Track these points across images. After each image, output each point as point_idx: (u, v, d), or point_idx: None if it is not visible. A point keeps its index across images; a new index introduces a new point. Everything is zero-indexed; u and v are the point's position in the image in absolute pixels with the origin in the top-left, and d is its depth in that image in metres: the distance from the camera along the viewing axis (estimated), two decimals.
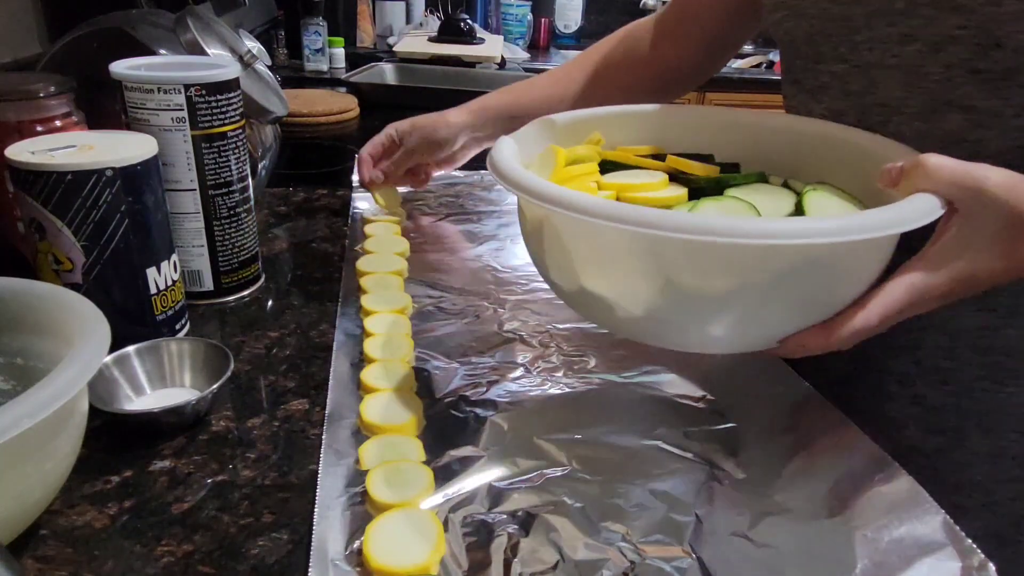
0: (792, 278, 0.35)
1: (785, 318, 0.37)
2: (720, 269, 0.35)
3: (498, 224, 0.76)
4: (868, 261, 0.37)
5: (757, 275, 0.35)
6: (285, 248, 0.70)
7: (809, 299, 0.37)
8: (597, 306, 0.40)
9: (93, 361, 0.32)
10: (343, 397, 0.45)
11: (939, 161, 0.36)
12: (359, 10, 2.09)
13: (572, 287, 0.41)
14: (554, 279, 0.43)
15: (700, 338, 0.40)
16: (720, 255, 0.34)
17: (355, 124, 1.24)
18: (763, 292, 0.35)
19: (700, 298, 0.36)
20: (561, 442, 0.42)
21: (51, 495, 0.34)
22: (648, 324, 0.39)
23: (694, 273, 0.35)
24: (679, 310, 0.37)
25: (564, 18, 2.55)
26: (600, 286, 0.39)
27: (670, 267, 0.36)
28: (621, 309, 0.39)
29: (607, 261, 0.38)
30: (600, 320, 0.44)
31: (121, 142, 0.47)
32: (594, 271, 0.39)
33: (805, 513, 0.37)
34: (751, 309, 0.36)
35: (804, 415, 0.45)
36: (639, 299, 0.38)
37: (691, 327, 0.39)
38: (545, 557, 0.34)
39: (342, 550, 0.34)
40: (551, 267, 0.42)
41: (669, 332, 0.40)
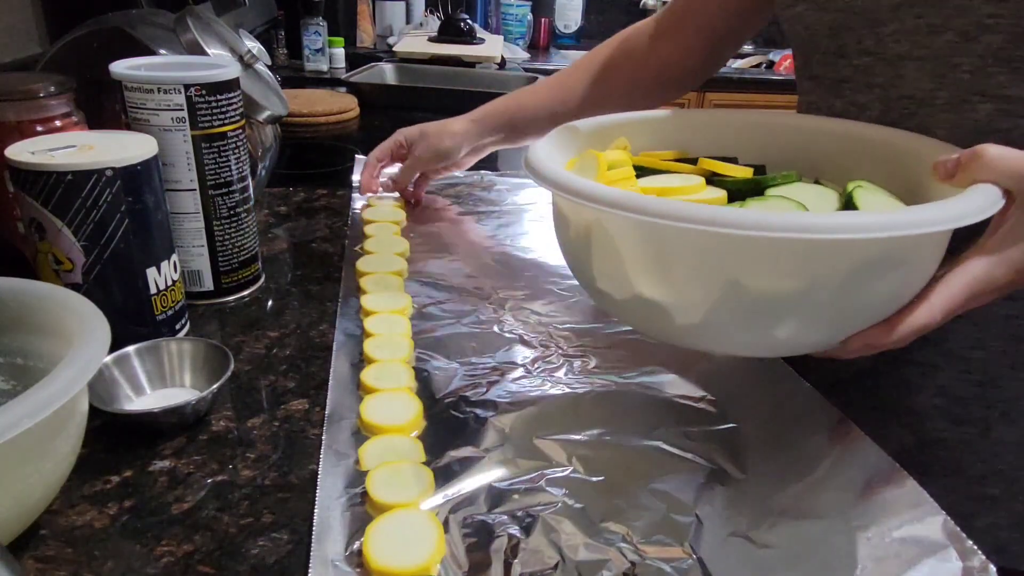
0: (863, 274, 0.34)
1: (851, 317, 0.36)
2: (792, 268, 0.34)
3: (498, 224, 0.76)
4: (932, 255, 0.36)
5: (829, 272, 0.34)
6: (285, 248, 0.70)
7: (877, 296, 0.36)
8: (652, 314, 0.39)
9: (93, 361, 0.32)
10: (343, 397, 0.45)
11: (999, 151, 0.35)
12: (359, 10, 2.09)
13: (624, 295, 0.39)
14: (602, 287, 0.41)
15: (762, 341, 0.38)
16: (794, 253, 0.33)
17: (355, 124, 1.24)
18: (833, 290, 0.34)
19: (766, 300, 0.35)
20: (561, 442, 0.42)
21: (51, 495, 0.34)
22: (708, 330, 0.38)
23: (764, 273, 0.34)
24: (743, 313, 0.36)
25: (564, 18, 2.56)
26: (658, 292, 0.37)
27: (738, 268, 0.34)
28: (680, 315, 0.37)
29: (669, 265, 0.36)
30: (653, 329, 0.42)
31: (121, 142, 0.47)
32: (652, 277, 0.37)
33: (805, 514, 0.37)
34: (819, 309, 0.35)
35: (804, 415, 0.45)
36: (701, 304, 0.36)
37: (754, 330, 0.37)
38: (545, 558, 0.34)
39: (342, 550, 0.34)
40: (599, 275, 0.40)
41: (730, 337, 0.38)
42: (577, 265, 0.43)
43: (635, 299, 0.38)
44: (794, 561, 0.34)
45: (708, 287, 0.35)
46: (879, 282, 0.35)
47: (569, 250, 0.43)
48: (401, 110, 1.34)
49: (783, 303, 0.35)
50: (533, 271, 0.65)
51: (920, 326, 0.36)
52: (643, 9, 2.60)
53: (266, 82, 0.73)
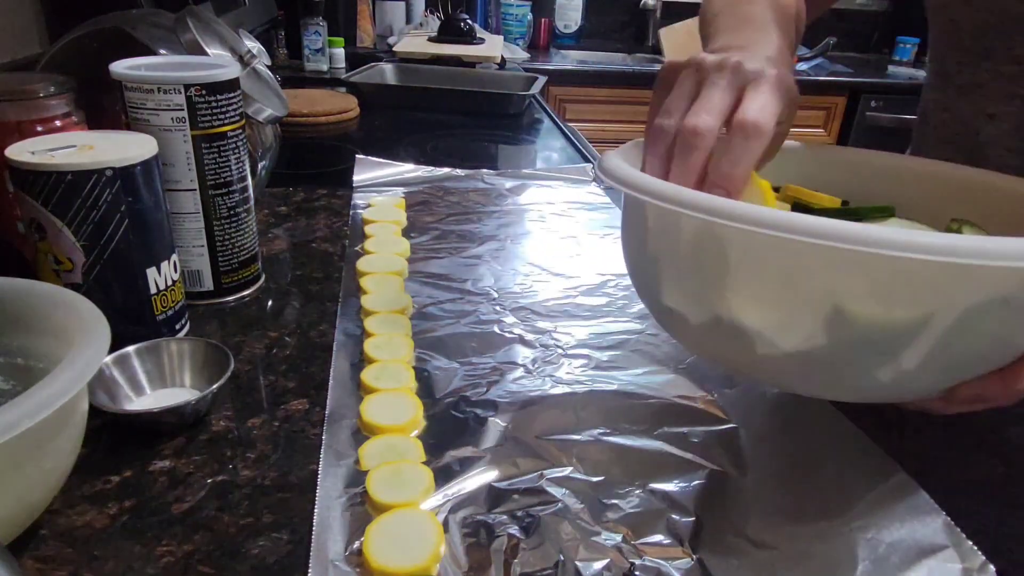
0: (990, 311, 0.30)
1: (965, 362, 0.32)
2: (909, 295, 0.30)
3: (498, 224, 0.76)
4: None
5: (951, 305, 0.30)
6: (285, 248, 0.70)
7: (1000, 340, 0.32)
8: (733, 341, 0.35)
9: (93, 361, 0.32)
10: (343, 397, 0.45)
11: None
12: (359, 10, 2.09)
13: (704, 316, 0.35)
14: (676, 306, 0.37)
15: (857, 382, 0.34)
16: (914, 277, 0.29)
17: (355, 124, 1.24)
18: (952, 327, 0.30)
19: (871, 331, 0.31)
20: (561, 442, 0.42)
21: (51, 495, 0.34)
22: (797, 364, 0.34)
23: (874, 300, 0.30)
24: (841, 346, 0.32)
25: (564, 18, 2.55)
26: (746, 314, 0.33)
27: (845, 291, 0.30)
28: (766, 344, 0.33)
29: (766, 282, 0.32)
30: (729, 357, 0.38)
31: (121, 142, 0.47)
32: (744, 296, 0.33)
33: (805, 514, 0.37)
34: (931, 348, 0.31)
35: (804, 415, 0.45)
36: (796, 331, 0.32)
37: (851, 368, 0.33)
38: (545, 558, 0.34)
39: (342, 550, 0.34)
40: (677, 291, 0.37)
41: (821, 373, 0.34)
42: (649, 279, 0.39)
43: (716, 322, 0.35)
44: (794, 561, 0.34)
45: (807, 311, 0.32)
46: (1002, 323, 0.31)
47: (641, 262, 0.40)
48: (401, 110, 1.35)
49: (890, 338, 0.31)
50: (533, 271, 0.65)
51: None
52: (643, 9, 2.60)
53: (266, 82, 0.73)
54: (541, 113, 1.40)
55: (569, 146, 1.17)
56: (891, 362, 0.32)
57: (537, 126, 1.31)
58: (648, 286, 0.39)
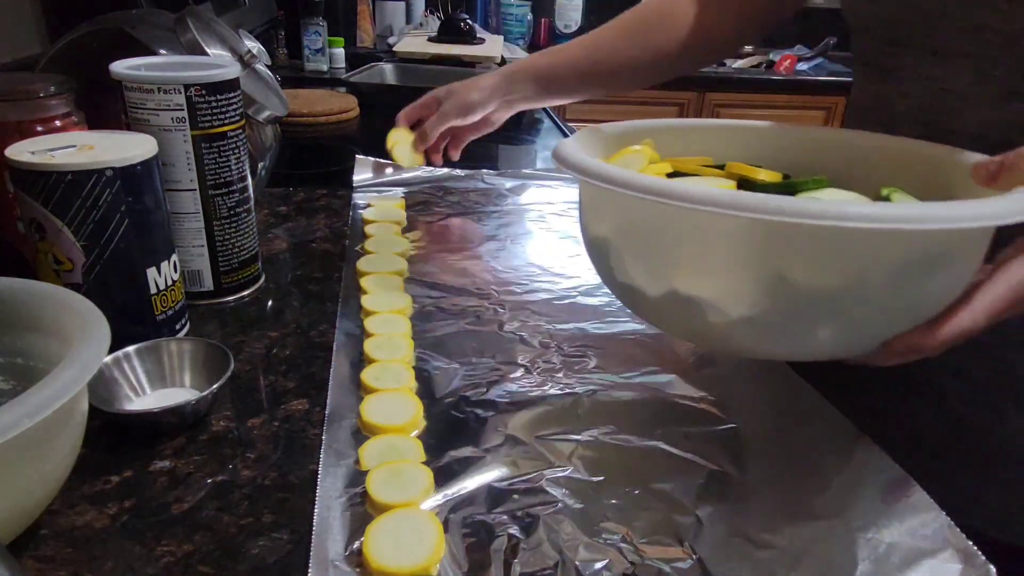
0: (912, 270, 0.33)
1: (895, 318, 0.35)
2: (841, 260, 0.33)
3: (498, 224, 0.76)
4: (976, 255, 0.35)
5: (878, 267, 0.33)
6: (285, 248, 0.70)
7: (923, 296, 0.35)
8: (686, 312, 0.37)
9: (93, 361, 0.32)
10: (343, 397, 0.45)
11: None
12: (359, 10, 2.09)
13: (659, 290, 0.38)
14: (635, 283, 0.39)
15: (801, 343, 0.37)
16: (845, 243, 0.33)
17: (355, 124, 1.24)
18: (880, 286, 0.33)
19: (811, 295, 0.34)
20: (561, 442, 0.42)
21: (51, 495, 0.34)
22: (745, 329, 0.36)
23: (811, 266, 0.33)
24: (786, 311, 0.35)
25: (564, 18, 2.55)
26: (697, 286, 0.36)
27: (785, 260, 0.33)
28: (717, 313, 0.36)
29: (713, 256, 0.35)
30: (685, 328, 0.41)
31: (121, 142, 0.47)
32: (694, 269, 0.36)
33: (805, 514, 0.37)
34: (864, 307, 0.34)
35: (804, 415, 0.45)
36: (742, 299, 0.35)
37: (795, 330, 0.36)
38: (545, 558, 0.34)
39: (342, 550, 0.34)
40: (635, 270, 0.39)
41: (768, 337, 0.37)
42: (605, 261, 0.42)
43: (671, 295, 0.37)
44: (794, 561, 0.34)
45: (751, 280, 0.34)
46: (926, 280, 0.34)
47: (597, 244, 0.42)
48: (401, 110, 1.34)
49: (828, 300, 0.34)
50: (534, 271, 0.65)
51: (964, 330, 0.35)
52: None
53: (266, 82, 0.73)
54: (541, 113, 1.40)
55: None
56: (831, 322, 0.35)
57: (537, 126, 1.31)
58: (605, 266, 0.41)
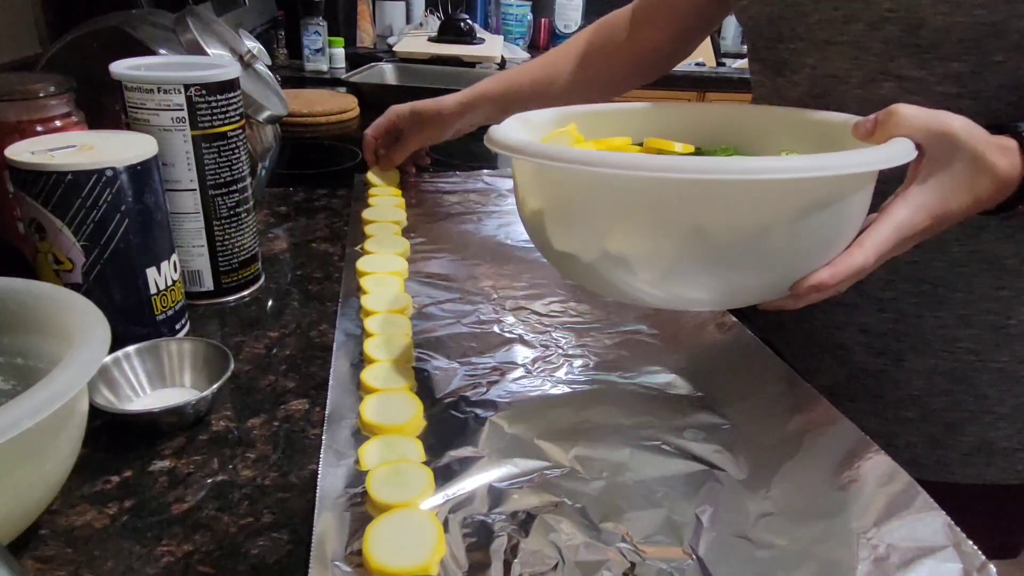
0: (809, 214, 0.37)
1: (799, 260, 0.39)
2: (748, 210, 0.37)
3: (498, 224, 0.76)
4: (863, 199, 0.40)
5: (780, 213, 0.37)
6: (285, 248, 0.70)
7: (821, 238, 0.39)
8: (618, 271, 0.41)
9: (93, 361, 0.32)
10: (343, 397, 0.45)
11: (911, 110, 0.40)
12: (359, 10, 2.09)
13: (591, 255, 0.41)
14: (570, 250, 0.43)
15: (721, 289, 0.41)
16: (750, 195, 0.37)
17: (355, 124, 1.24)
18: (784, 231, 0.38)
19: (726, 244, 0.38)
20: (561, 442, 0.42)
21: (51, 495, 0.34)
22: (671, 280, 0.40)
23: (723, 217, 0.37)
24: (704, 261, 0.39)
25: (564, 18, 2.55)
26: (625, 246, 0.40)
27: (701, 214, 0.37)
28: (645, 268, 0.40)
29: (636, 217, 0.39)
30: (618, 288, 0.44)
31: (121, 142, 0.47)
32: (620, 231, 0.39)
33: (805, 514, 0.37)
34: (772, 251, 0.38)
35: (804, 416, 0.45)
36: (667, 254, 0.39)
37: (714, 278, 0.40)
38: (545, 558, 0.34)
39: (342, 550, 0.34)
40: (569, 237, 0.42)
41: (692, 286, 0.41)
42: (542, 231, 0.45)
43: (602, 258, 0.41)
44: (794, 561, 0.34)
45: (673, 235, 0.38)
46: (823, 224, 0.38)
47: (533, 218, 0.45)
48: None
49: (740, 247, 0.38)
50: (533, 271, 0.65)
51: (857, 268, 0.39)
52: None
53: (266, 82, 0.73)
54: None
55: None
56: (745, 269, 0.39)
57: None
58: (542, 236, 0.45)
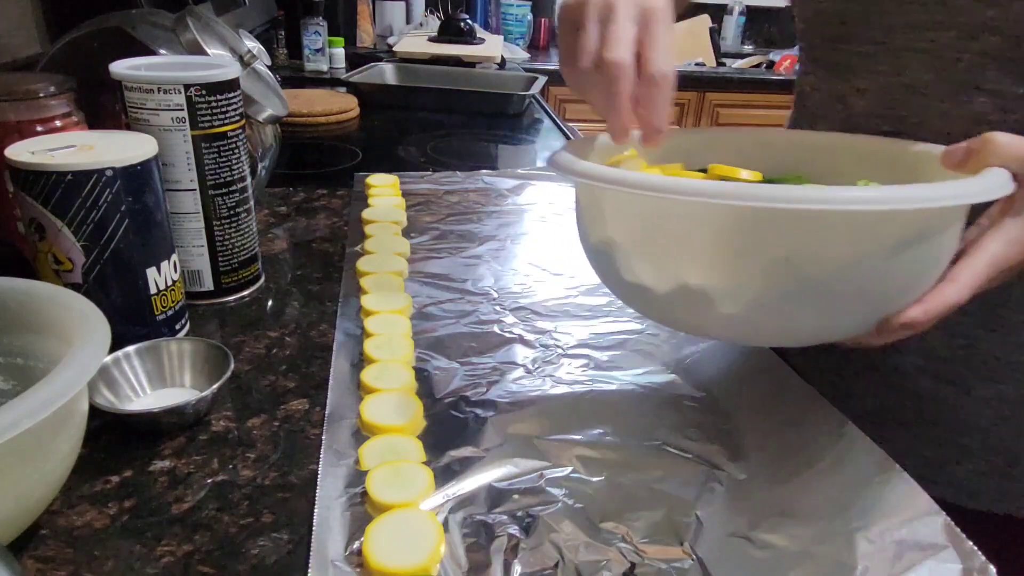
0: (904, 248, 0.35)
1: (888, 296, 0.37)
2: (841, 243, 0.35)
3: (498, 224, 0.76)
4: (956, 234, 0.38)
5: (875, 246, 0.35)
6: (285, 248, 0.70)
7: (912, 273, 0.37)
8: (696, 304, 0.38)
9: (93, 361, 0.32)
10: (343, 397, 0.45)
11: (1007, 138, 0.37)
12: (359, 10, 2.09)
13: (669, 286, 0.39)
14: (643, 281, 0.40)
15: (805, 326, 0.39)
16: (843, 226, 0.34)
17: (355, 124, 1.24)
18: (877, 265, 0.35)
19: (815, 278, 0.35)
20: (561, 442, 0.42)
21: (51, 495, 0.34)
22: (753, 315, 0.38)
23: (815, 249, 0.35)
24: (791, 295, 0.36)
25: None
26: (706, 278, 0.37)
27: (790, 245, 0.35)
28: (726, 302, 0.37)
29: (720, 247, 0.36)
30: (695, 322, 0.41)
31: (121, 142, 0.47)
32: (702, 262, 0.37)
33: (806, 514, 0.37)
34: (864, 286, 0.36)
35: (805, 416, 0.45)
36: (750, 287, 0.36)
37: (800, 313, 0.37)
38: (545, 558, 0.34)
39: (342, 550, 0.34)
40: (642, 268, 0.39)
41: (774, 322, 0.38)
42: (608, 262, 0.42)
43: (679, 290, 0.38)
44: (794, 561, 0.34)
45: (761, 267, 0.36)
46: (915, 258, 0.36)
47: (600, 247, 0.42)
48: (401, 110, 1.35)
49: (830, 281, 0.35)
50: (533, 271, 0.65)
51: (951, 304, 0.37)
52: None
53: (266, 82, 0.73)
54: (541, 113, 1.40)
55: None
56: (832, 304, 0.36)
57: (537, 126, 1.31)
58: (609, 266, 0.42)
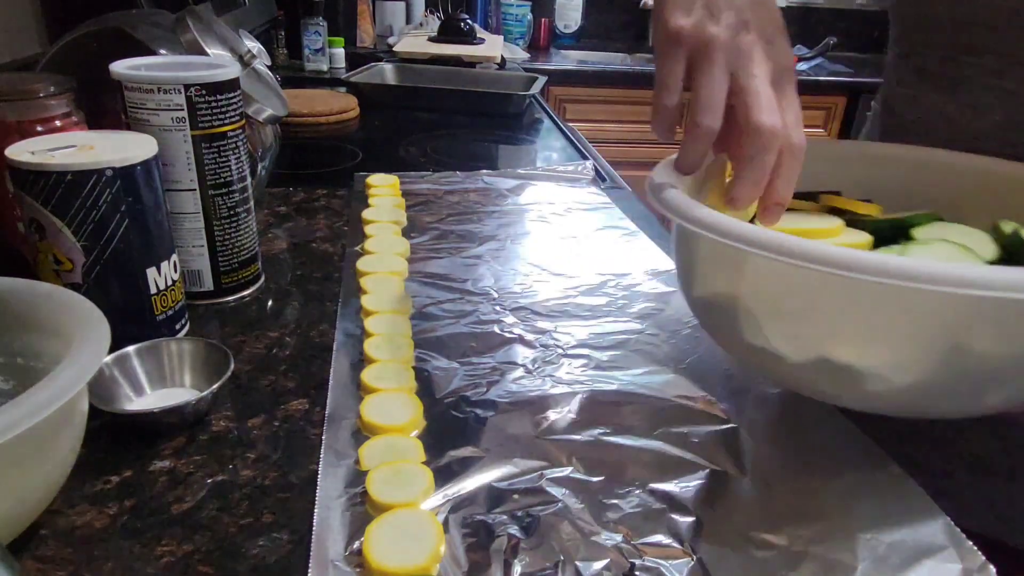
0: None
1: None
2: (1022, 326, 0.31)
3: (498, 224, 0.76)
4: None
5: None
6: (285, 248, 0.70)
7: None
8: (838, 378, 0.35)
9: (93, 361, 0.32)
10: (343, 397, 0.45)
11: None
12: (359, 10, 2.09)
13: (806, 357, 0.35)
14: (771, 347, 0.36)
15: (970, 404, 0.35)
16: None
17: (355, 124, 1.24)
18: None
19: (991, 362, 0.32)
20: (561, 442, 0.42)
21: (51, 495, 0.34)
22: (908, 395, 0.34)
23: (994, 334, 0.31)
24: (960, 377, 0.33)
25: (564, 18, 2.55)
26: (856, 355, 0.33)
27: (966, 329, 0.31)
28: (878, 381, 0.34)
29: (879, 325, 0.32)
30: (833, 393, 0.38)
31: (121, 142, 0.47)
32: (854, 337, 0.33)
33: (805, 514, 0.37)
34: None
35: (804, 416, 0.45)
36: (911, 368, 0.33)
37: (966, 393, 0.34)
38: (545, 558, 0.34)
39: (342, 550, 0.34)
40: (774, 333, 0.36)
41: (933, 400, 0.35)
42: (725, 320, 0.38)
43: (818, 363, 0.34)
44: (794, 561, 0.34)
45: (924, 350, 0.32)
46: None
47: (716, 302, 0.38)
48: (401, 110, 1.35)
49: (1007, 365, 0.32)
50: (533, 271, 0.65)
51: None
52: (643, 9, 2.60)
53: (266, 82, 0.73)
54: (541, 113, 1.40)
55: (569, 146, 1.17)
56: (1007, 384, 0.33)
57: (537, 126, 1.31)
58: (727, 325, 0.38)
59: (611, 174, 0.98)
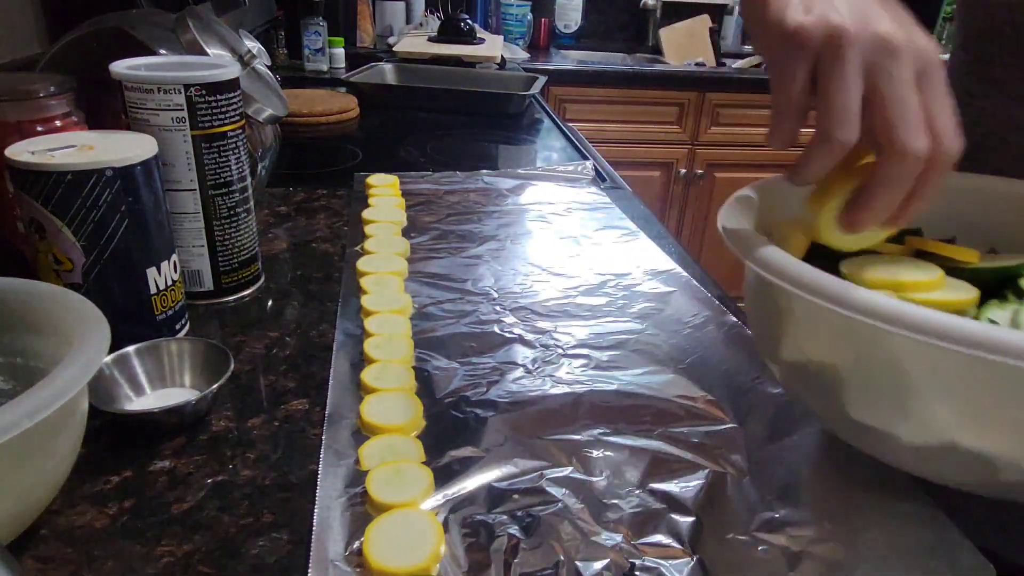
0: None
1: None
2: None
3: (498, 224, 0.76)
4: None
5: None
6: (285, 248, 0.70)
7: None
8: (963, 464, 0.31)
9: (93, 361, 0.32)
10: (343, 397, 0.45)
11: None
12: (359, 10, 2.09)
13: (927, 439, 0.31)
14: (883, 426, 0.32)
15: None
16: None
17: (355, 124, 1.24)
18: None
19: None
20: (561, 442, 0.42)
21: (51, 495, 0.34)
22: None
23: None
24: None
25: (564, 18, 2.55)
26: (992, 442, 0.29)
27: None
28: (1014, 471, 0.30)
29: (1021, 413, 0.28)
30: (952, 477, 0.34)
31: (121, 142, 0.47)
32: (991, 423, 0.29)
33: (805, 514, 0.37)
34: None
35: (804, 415, 0.45)
36: None
37: None
38: (545, 558, 0.34)
39: (342, 550, 0.34)
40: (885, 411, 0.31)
41: None
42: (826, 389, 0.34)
43: (943, 448, 0.30)
44: (794, 561, 0.34)
45: None
46: None
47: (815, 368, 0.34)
48: (401, 110, 1.35)
49: None
50: (533, 271, 0.65)
51: None
52: (643, 9, 2.60)
53: (266, 82, 0.73)
54: (541, 113, 1.40)
55: (569, 146, 1.17)
56: None
57: (537, 126, 1.31)
58: (829, 396, 0.34)
59: (611, 174, 0.98)
